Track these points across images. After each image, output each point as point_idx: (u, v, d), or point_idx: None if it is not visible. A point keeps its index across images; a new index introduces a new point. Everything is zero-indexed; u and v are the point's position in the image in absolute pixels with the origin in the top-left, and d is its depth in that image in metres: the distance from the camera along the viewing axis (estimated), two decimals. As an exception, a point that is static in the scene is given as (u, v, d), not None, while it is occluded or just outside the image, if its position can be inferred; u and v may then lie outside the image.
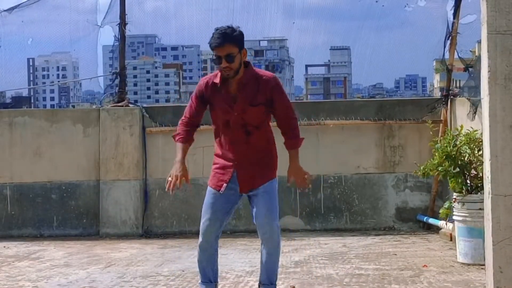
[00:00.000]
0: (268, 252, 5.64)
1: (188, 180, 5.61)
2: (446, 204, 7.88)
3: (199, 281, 5.79)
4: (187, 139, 5.69)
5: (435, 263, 7.70)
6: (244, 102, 5.52)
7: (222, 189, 5.60)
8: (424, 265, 7.56)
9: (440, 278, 6.92)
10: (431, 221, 9.85)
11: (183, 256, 8.55)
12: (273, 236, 5.60)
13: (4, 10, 11.02)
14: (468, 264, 7.51)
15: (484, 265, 5.65)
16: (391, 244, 9.13)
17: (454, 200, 7.72)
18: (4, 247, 9.54)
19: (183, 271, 7.61)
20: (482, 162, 5.88)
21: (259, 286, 5.78)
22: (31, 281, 7.30)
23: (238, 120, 5.55)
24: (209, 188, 5.74)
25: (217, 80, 5.56)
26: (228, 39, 5.39)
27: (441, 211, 8.02)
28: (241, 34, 5.48)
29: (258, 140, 5.63)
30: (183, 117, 5.74)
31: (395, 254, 8.33)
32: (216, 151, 5.74)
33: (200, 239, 5.66)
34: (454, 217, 7.81)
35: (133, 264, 8.10)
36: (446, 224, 9.07)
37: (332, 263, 7.90)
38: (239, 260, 8.17)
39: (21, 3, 11.26)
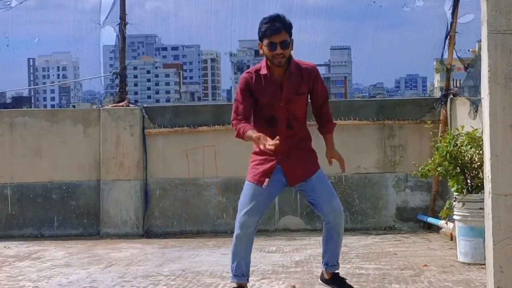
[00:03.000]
0: (338, 233, 5.78)
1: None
2: (447, 204, 7.88)
3: (231, 275, 5.76)
4: (251, 126, 5.52)
5: (435, 262, 7.70)
6: (290, 91, 5.57)
7: (265, 184, 5.59)
8: (425, 265, 7.55)
9: (440, 278, 6.91)
10: (432, 220, 9.87)
11: (184, 256, 8.54)
12: (341, 217, 5.77)
13: None
14: (469, 264, 7.51)
15: (484, 264, 5.62)
16: (392, 243, 9.13)
17: (454, 199, 7.72)
18: (5, 247, 9.55)
19: (183, 271, 7.60)
20: (483, 162, 5.88)
21: (326, 268, 5.85)
22: (31, 281, 7.30)
23: (283, 112, 5.57)
24: (248, 182, 5.68)
25: (264, 71, 5.57)
26: (285, 26, 5.49)
27: (442, 211, 8.03)
28: (291, 24, 5.57)
29: (299, 134, 5.71)
30: (233, 119, 5.61)
31: (396, 254, 8.33)
32: (254, 148, 5.70)
33: (238, 231, 5.66)
34: (454, 217, 7.81)
35: (134, 264, 8.11)
36: (447, 223, 9.09)
37: None
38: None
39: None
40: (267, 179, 5.60)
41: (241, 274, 5.72)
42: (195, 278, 7.17)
